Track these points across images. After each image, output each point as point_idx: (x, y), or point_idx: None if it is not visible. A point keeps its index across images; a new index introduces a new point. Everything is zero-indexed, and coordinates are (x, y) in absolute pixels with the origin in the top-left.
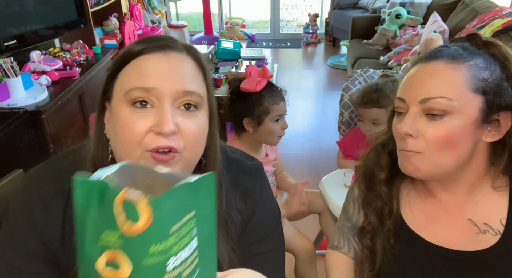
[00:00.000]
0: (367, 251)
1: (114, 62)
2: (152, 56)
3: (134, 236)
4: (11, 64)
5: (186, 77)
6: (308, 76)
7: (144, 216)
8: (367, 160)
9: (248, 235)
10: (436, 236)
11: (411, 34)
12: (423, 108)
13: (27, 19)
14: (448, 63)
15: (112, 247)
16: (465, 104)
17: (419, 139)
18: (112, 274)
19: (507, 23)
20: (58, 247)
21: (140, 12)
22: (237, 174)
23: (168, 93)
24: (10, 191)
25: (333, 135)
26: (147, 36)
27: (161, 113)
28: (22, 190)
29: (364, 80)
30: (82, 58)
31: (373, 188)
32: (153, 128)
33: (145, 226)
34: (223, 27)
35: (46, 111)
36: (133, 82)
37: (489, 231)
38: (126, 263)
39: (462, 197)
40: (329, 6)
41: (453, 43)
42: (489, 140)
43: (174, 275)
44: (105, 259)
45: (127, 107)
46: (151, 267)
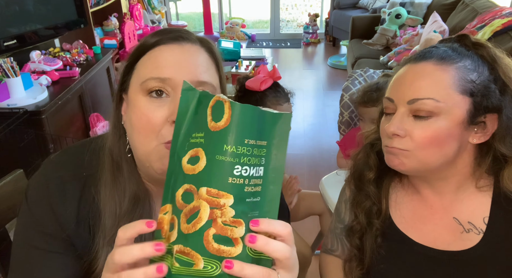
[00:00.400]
0: (355, 250)
1: (131, 54)
2: (167, 47)
3: (215, 132)
4: (11, 64)
5: (200, 68)
6: (308, 76)
7: (225, 115)
8: (356, 160)
9: None
10: (423, 235)
11: (411, 34)
12: (410, 108)
13: (27, 19)
14: (436, 64)
15: (196, 146)
16: (452, 106)
17: (406, 138)
18: (191, 168)
19: (507, 23)
20: (73, 230)
21: (140, 12)
22: None
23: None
24: (10, 191)
25: (333, 136)
26: (162, 28)
27: (176, 102)
28: (41, 173)
29: (364, 80)
30: (82, 58)
31: (362, 188)
32: (169, 118)
33: (225, 125)
34: (223, 27)
35: (46, 111)
36: (149, 73)
37: (472, 230)
38: (203, 158)
39: (447, 196)
40: (329, 6)
41: (443, 44)
42: (476, 141)
43: (237, 183)
44: (189, 156)
45: (144, 97)
46: (221, 163)
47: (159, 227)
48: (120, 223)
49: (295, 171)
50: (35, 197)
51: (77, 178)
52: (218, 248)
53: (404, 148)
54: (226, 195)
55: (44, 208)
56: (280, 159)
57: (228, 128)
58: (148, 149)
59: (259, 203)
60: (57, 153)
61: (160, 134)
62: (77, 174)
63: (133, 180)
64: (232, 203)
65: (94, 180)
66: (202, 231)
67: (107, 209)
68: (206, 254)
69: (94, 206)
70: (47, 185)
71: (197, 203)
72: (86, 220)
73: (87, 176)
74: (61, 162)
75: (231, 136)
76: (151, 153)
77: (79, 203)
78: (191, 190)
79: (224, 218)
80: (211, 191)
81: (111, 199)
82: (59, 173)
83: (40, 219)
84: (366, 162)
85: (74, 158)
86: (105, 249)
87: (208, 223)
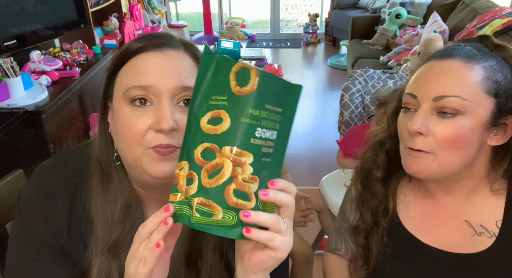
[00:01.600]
0: (360, 249)
1: (113, 62)
2: (149, 55)
3: (241, 96)
4: (11, 64)
5: (184, 73)
6: (308, 76)
7: (252, 81)
8: (365, 158)
9: None
10: (433, 237)
11: (411, 34)
12: (435, 106)
13: (27, 19)
14: (463, 62)
15: (217, 108)
16: (478, 106)
17: (429, 138)
18: (212, 128)
19: (507, 23)
20: (65, 239)
21: (140, 12)
22: None
23: (166, 90)
24: (10, 191)
25: (333, 136)
26: (144, 34)
27: (160, 110)
28: (31, 182)
29: (364, 80)
30: (82, 58)
31: (369, 186)
32: (153, 126)
33: (251, 90)
34: (223, 27)
35: (46, 111)
36: (131, 81)
37: (484, 233)
38: (227, 119)
39: (460, 198)
40: (329, 6)
41: (466, 43)
42: (494, 143)
43: (257, 144)
44: (208, 117)
45: (127, 106)
46: (245, 125)
47: (175, 182)
48: (112, 231)
49: (295, 171)
50: (27, 207)
51: (68, 185)
52: (237, 201)
53: (428, 150)
54: (247, 154)
55: (36, 217)
56: (288, 126)
57: (254, 94)
58: (136, 155)
59: (269, 163)
60: (48, 160)
61: (144, 141)
62: (67, 182)
63: (124, 187)
64: (251, 162)
65: (85, 188)
66: (224, 186)
67: (99, 218)
68: (225, 206)
69: (85, 214)
70: (37, 194)
71: (220, 160)
72: (78, 228)
73: (78, 183)
74: (52, 170)
75: (256, 100)
76: (140, 158)
77: (70, 211)
78: (213, 148)
79: (244, 175)
80: (234, 150)
81: (102, 208)
82: (49, 181)
83: (32, 228)
84: (374, 161)
85: (65, 165)
86: (98, 258)
87: (230, 179)
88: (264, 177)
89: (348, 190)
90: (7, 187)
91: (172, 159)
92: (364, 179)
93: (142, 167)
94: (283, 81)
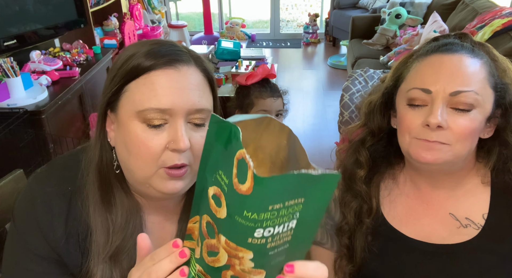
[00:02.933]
0: (345, 249)
1: (121, 74)
2: (163, 73)
3: (237, 193)
4: (11, 64)
5: (197, 93)
6: (308, 76)
7: (247, 184)
8: (345, 158)
9: None
10: (417, 230)
11: (411, 34)
12: (450, 100)
13: (27, 19)
14: (470, 56)
15: (219, 187)
16: (485, 99)
17: (447, 131)
18: (214, 208)
19: (507, 23)
20: (62, 248)
21: (140, 12)
22: None
23: (182, 112)
24: (10, 191)
25: (333, 136)
26: (156, 48)
27: (176, 131)
28: (26, 191)
29: (364, 80)
30: (82, 58)
31: (352, 187)
32: (169, 146)
33: (246, 192)
34: (223, 27)
35: (46, 111)
36: (147, 102)
37: (471, 225)
38: (224, 208)
39: (445, 191)
40: (329, 6)
41: (453, 38)
42: (485, 136)
43: (258, 243)
44: (213, 191)
45: (140, 124)
46: (241, 225)
47: (189, 232)
48: (114, 239)
49: None
50: (21, 216)
51: (63, 193)
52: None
53: (446, 142)
54: (245, 251)
55: (31, 227)
56: (317, 212)
57: (249, 198)
58: (148, 174)
59: (287, 249)
60: (42, 167)
61: (160, 161)
62: (62, 189)
63: (124, 194)
64: (251, 257)
65: (81, 195)
66: (220, 270)
67: (99, 226)
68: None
69: (83, 221)
70: (32, 203)
71: (217, 244)
72: (75, 236)
73: (73, 191)
74: (47, 177)
75: (252, 205)
76: (152, 177)
77: (67, 219)
78: (213, 226)
79: (242, 267)
80: (230, 244)
81: (102, 215)
82: (44, 189)
83: (27, 239)
84: (356, 160)
85: (60, 172)
86: (100, 266)
87: (226, 266)
88: (277, 264)
89: None
90: (7, 187)
91: (183, 179)
92: (347, 180)
93: (153, 184)
94: (305, 176)
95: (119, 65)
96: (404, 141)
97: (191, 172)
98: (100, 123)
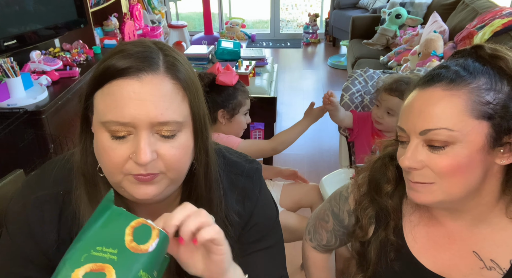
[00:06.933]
0: (356, 255)
1: (92, 81)
2: (126, 83)
3: (135, 254)
4: (11, 64)
5: (161, 104)
6: (308, 76)
7: (151, 241)
8: (373, 169)
9: (247, 233)
10: (436, 263)
11: (411, 34)
12: (424, 139)
13: (27, 19)
14: (446, 89)
15: (102, 261)
16: (468, 133)
17: (425, 169)
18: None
19: (507, 23)
20: (54, 253)
21: (140, 12)
22: (235, 176)
23: (144, 124)
24: (10, 191)
25: (333, 136)
26: (123, 55)
27: (138, 143)
28: (18, 195)
29: (364, 80)
30: (82, 58)
31: (378, 201)
32: (131, 156)
33: (149, 249)
34: (223, 27)
35: (46, 111)
36: (109, 113)
37: (495, 269)
38: (112, 276)
39: (467, 227)
40: (329, 6)
41: (454, 61)
42: (504, 162)
43: None
44: (86, 270)
45: (105, 133)
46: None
47: None
48: None
49: None
50: (13, 221)
51: (55, 196)
52: None
53: (427, 181)
54: None
55: (22, 232)
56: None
57: (151, 254)
58: (117, 180)
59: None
60: (33, 173)
61: (125, 169)
62: (54, 193)
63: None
64: None
65: (72, 197)
66: None
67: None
68: None
69: (75, 223)
70: (24, 208)
71: None
72: (68, 240)
73: (65, 193)
74: (38, 181)
75: (149, 263)
76: (121, 182)
77: (59, 222)
78: None
79: None
80: None
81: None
82: (36, 193)
83: (18, 244)
84: (384, 173)
85: (51, 175)
86: None
87: None
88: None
89: (344, 199)
90: (7, 187)
91: (154, 183)
92: (373, 191)
93: (125, 189)
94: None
95: (94, 69)
96: (404, 176)
97: (165, 178)
98: (81, 126)
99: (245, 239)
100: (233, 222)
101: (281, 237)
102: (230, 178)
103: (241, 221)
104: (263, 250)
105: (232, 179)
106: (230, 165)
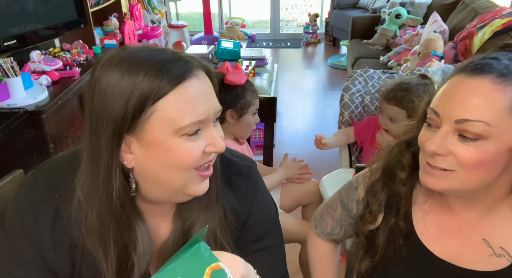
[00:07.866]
0: (363, 239)
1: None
2: (190, 84)
3: None
4: (11, 64)
5: (214, 95)
6: (308, 76)
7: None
8: (390, 154)
9: (247, 233)
10: (445, 250)
11: (411, 34)
12: (457, 128)
13: (27, 19)
14: (494, 82)
15: None
16: (504, 131)
17: (450, 156)
18: None
19: (507, 23)
20: (50, 255)
21: (140, 12)
22: (230, 175)
23: (211, 116)
24: (10, 191)
25: None
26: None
27: (211, 134)
28: (15, 197)
29: (364, 80)
30: (82, 58)
31: (391, 187)
32: (206, 149)
33: None
34: (223, 27)
35: (46, 111)
36: (187, 116)
37: (505, 256)
38: None
39: (478, 215)
40: (329, 6)
41: (506, 54)
42: None
43: None
44: None
45: (179, 138)
46: None
47: None
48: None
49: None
50: (10, 223)
51: (49, 200)
52: None
53: (448, 168)
54: None
55: (18, 234)
56: None
57: None
58: (185, 180)
59: None
60: (31, 173)
61: (198, 163)
62: (49, 196)
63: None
64: None
65: (69, 201)
66: None
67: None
68: None
69: (73, 229)
70: (20, 209)
71: None
72: (65, 243)
73: (61, 197)
74: (34, 184)
75: None
76: (187, 181)
77: (53, 227)
78: None
79: None
80: None
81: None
82: (31, 196)
83: (15, 245)
84: (399, 160)
85: (47, 178)
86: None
87: None
88: None
89: (354, 188)
90: (7, 187)
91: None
92: (387, 178)
93: (187, 190)
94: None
95: (132, 88)
96: (419, 159)
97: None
98: (112, 149)
99: (245, 239)
100: (231, 221)
101: (281, 236)
102: (226, 177)
103: (240, 220)
104: (263, 250)
105: (228, 178)
106: (224, 162)
